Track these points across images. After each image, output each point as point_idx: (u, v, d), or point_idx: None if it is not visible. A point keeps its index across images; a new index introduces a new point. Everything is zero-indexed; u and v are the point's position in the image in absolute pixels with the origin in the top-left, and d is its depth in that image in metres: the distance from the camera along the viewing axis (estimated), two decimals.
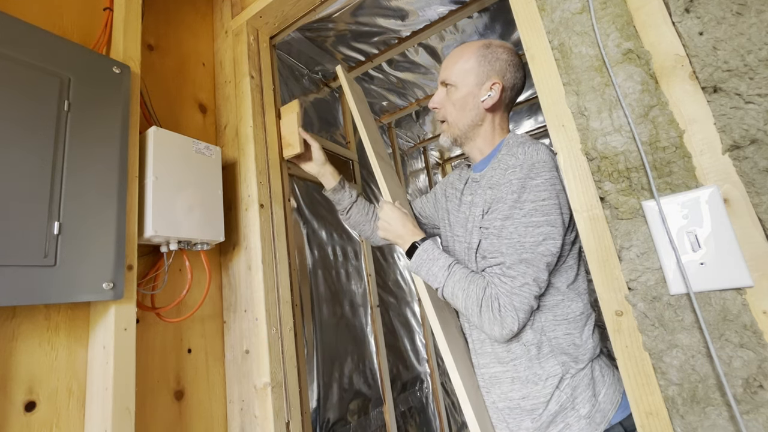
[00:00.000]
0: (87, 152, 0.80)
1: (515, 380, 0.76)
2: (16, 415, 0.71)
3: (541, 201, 0.72)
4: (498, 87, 0.84)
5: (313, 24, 1.54)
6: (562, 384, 0.72)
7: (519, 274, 0.70)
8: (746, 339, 0.51)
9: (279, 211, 1.19)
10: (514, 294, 0.70)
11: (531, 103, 2.38)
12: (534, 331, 0.74)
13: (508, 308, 0.70)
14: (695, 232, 0.55)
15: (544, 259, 0.71)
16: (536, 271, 0.70)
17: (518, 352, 0.76)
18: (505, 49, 0.87)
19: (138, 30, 0.99)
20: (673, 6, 0.60)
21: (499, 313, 0.71)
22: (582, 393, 0.71)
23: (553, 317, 0.75)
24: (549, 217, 0.71)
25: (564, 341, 0.74)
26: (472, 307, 0.74)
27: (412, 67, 1.92)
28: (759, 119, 0.53)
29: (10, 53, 0.73)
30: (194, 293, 1.07)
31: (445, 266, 0.80)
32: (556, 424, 0.72)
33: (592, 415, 0.70)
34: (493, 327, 0.72)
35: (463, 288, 0.76)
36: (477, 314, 0.74)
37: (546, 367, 0.73)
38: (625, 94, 0.62)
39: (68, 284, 0.72)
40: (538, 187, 0.72)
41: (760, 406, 0.49)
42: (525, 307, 0.70)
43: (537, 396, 0.73)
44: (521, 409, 0.75)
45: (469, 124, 0.87)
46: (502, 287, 0.71)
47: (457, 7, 1.52)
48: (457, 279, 0.77)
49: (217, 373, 1.08)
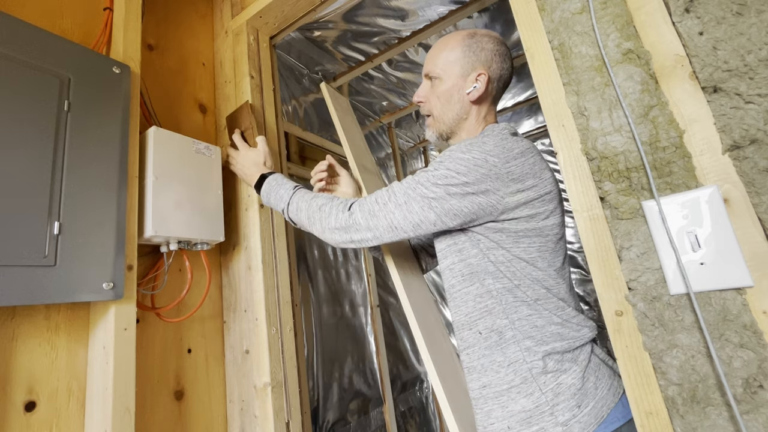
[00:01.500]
0: (87, 152, 0.80)
1: (471, 370, 0.73)
2: (16, 415, 0.71)
3: (448, 169, 0.70)
4: (484, 78, 0.80)
5: (313, 24, 1.54)
6: (540, 379, 0.67)
7: (385, 203, 0.73)
8: (746, 339, 0.51)
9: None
10: (372, 213, 0.74)
11: (531, 103, 2.38)
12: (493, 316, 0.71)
13: (358, 210, 0.75)
14: (695, 232, 0.55)
15: (415, 213, 0.71)
16: (402, 213, 0.71)
17: (471, 341, 0.73)
18: (490, 38, 0.83)
19: (138, 30, 0.99)
20: (673, 6, 0.60)
21: (346, 208, 0.76)
22: (565, 401, 0.66)
23: (513, 299, 0.71)
24: (447, 187, 0.69)
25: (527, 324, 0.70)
26: (314, 210, 0.79)
27: (412, 67, 1.92)
28: (759, 119, 0.53)
29: (10, 53, 0.73)
30: (194, 293, 1.07)
31: (290, 187, 0.87)
32: (530, 425, 0.66)
33: (570, 425, 0.64)
34: (337, 215, 0.76)
35: (307, 200, 0.82)
36: (317, 211, 0.78)
37: (507, 354, 0.69)
38: (625, 94, 0.62)
39: (68, 284, 0.72)
40: (459, 159, 0.70)
41: (760, 406, 0.49)
42: (379, 223, 0.73)
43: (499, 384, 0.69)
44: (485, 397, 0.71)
45: (455, 118, 0.84)
46: (361, 204, 0.76)
47: (457, 7, 1.52)
48: (302, 195, 0.84)
49: (217, 373, 1.08)
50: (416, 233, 0.73)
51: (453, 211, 0.70)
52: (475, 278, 0.73)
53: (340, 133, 1.08)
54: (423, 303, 0.93)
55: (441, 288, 2.55)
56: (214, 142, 1.26)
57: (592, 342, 0.73)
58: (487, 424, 0.70)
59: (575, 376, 0.67)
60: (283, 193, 0.88)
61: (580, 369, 0.68)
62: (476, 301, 0.73)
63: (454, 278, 0.76)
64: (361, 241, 0.76)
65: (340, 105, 1.18)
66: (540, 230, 0.72)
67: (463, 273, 0.75)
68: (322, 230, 0.79)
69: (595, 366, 0.70)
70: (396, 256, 0.95)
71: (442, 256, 0.79)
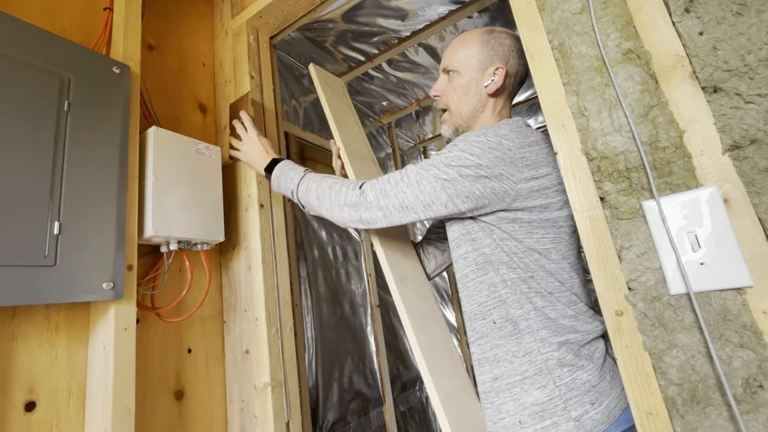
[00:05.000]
0: (87, 152, 0.80)
1: (482, 362, 0.72)
2: (16, 415, 0.71)
3: (462, 151, 0.70)
4: (502, 72, 0.82)
5: (313, 24, 1.54)
6: (555, 372, 0.66)
7: (397, 182, 0.74)
8: (746, 339, 0.51)
9: (279, 211, 1.19)
10: (384, 192, 0.74)
11: (531, 103, 2.38)
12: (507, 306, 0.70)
13: (369, 189, 0.76)
14: (695, 232, 0.55)
15: (427, 194, 0.71)
16: (414, 193, 0.72)
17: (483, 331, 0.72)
18: (508, 35, 0.85)
19: (138, 30, 0.98)
20: (673, 6, 0.60)
21: (357, 186, 0.77)
22: (578, 397, 0.65)
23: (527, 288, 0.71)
24: (460, 168, 0.69)
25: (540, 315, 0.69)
26: (324, 189, 0.80)
27: (412, 67, 1.92)
28: (759, 119, 0.53)
29: (10, 53, 0.73)
30: (194, 293, 1.07)
31: (302, 170, 0.89)
32: (543, 419, 0.65)
33: (583, 420, 0.64)
34: (348, 192, 0.78)
35: (317, 180, 0.83)
36: (328, 189, 0.80)
37: (522, 344, 0.68)
38: (625, 94, 0.62)
39: (68, 284, 0.72)
40: (473, 141, 0.70)
41: (760, 406, 0.49)
42: (390, 202, 0.73)
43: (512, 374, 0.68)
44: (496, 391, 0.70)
45: (472, 111, 0.85)
46: (373, 183, 0.77)
47: (457, 7, 1.52)
48: (312, 176, 0.86)
49: (217, 373, 1.08)
50: (426, 215, 0.73)
51: (465, 192, 0.69)
52: (489, 267, 0.72)
53: (328, 114, 1.06)
54: (419, 298, 0.92)
55: (442, 288, 2.55)
56: (214, 142, 1.26)
57: (604, 339, 0.73)
58: (497, 419, 0.69)
59: (592, 373, 0.67)
60: (294, 175, 0.89)
61: (596, 366, 0.68)
62: (490, 291, 0.72)
63: (468, 267, 0.76)
64: (370, 221, 0.76)
65: (330, 86, 1.15)
66: (554, 221, 0.71)
67: (477, 262, 0.74)
68: (331, 207, 0.79)
69: (610, 365, 0.70)
70: (390, 248, 0.93)
71: (455, 245, 0.79)
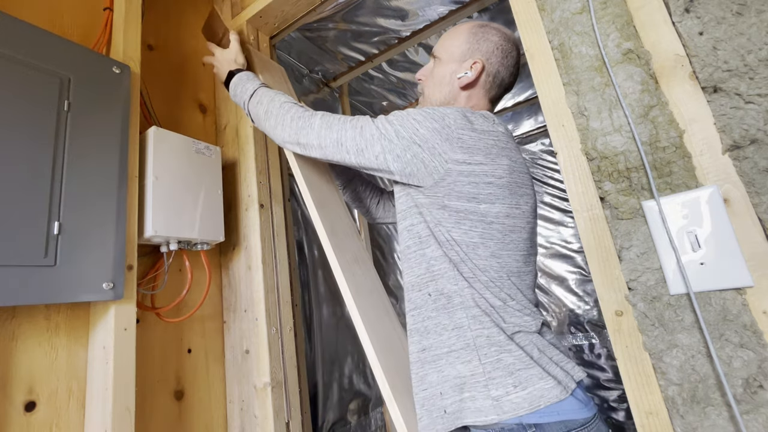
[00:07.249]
0: (87, 152, 0.80)
1: (413, 332, 0.72)
2: (16, 415, 0.71)
3: (407, 113, 0.72)
4: (478, 66, 0.79)
5: (313, 24, 1.54)
6: (482, 350, 0.65)
7: (344, 122, 0.77)
8: (746, 339, 0.51)
9: (279, 211, 1.19)
10: (330, 125, 0.77)
11: (531, 103, 2.38)
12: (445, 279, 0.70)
13: (319, 117, 0.78)
14: (695, 232, 0.55)
15: (365, 140, 0.74)
16: (353, 134, 0.74)
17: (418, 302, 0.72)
18: (498, 32, 0.82)
19: (138, 30, 0.99)
20: (673, 6, 0.60)
21: (307, 110, 0.80)
22: (501, 378, 0.62)
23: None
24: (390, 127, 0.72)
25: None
26: (276, 105, 0.82)
27: (412, 67, 1.92)
28: (759, 119, 0.53)
29: (10, 53, 0.73)
30: (194, 293, 1.07)
31: (258, 83, 0.90)
32: (462, 392, 0.64)
33: (502, 401, 0.61)
34: (297, 112, 0.80)
35: (270, 95, 0.85)
36: (279, 107, 0.82)
37: (454, 318, 0.67)
38: (625, 94, 0.62)
39: (68, 284, 0.72)
40: (420, 110, 0.71)
41: (760, 406, 0.49)
42: (330, 134, 0.76)
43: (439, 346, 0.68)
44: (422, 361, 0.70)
45: (441, 101, 0.83)
46: (324, 114, 0.79)
47: (457, 7, 1.52)
48: (267, 91, 0.88)
49: (217, 373, 1.08)
50: (358, 160, 0.75)
51: (396, 151, 0.71)
52: (431, 240, 0.72)
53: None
54: (350, 250, 0.89)
55: None
56: (214, 142, 1.26)
57: (542, 336, 0.70)
58: (419, 390, 0.68)
59: (520, 358, 0.64)
60: (249, 86, 0.91)
61: (526, 355, 0.65)
62: (430, 264, 0.72)
63: (411, 239, 0.75)
64: (306, 146, 0.79)
65: (261, 59, 1.13)
66: (482, 215, 0.69)
67: (421, 235, 0.73)
68: (275, 124, 0.82)
69: (546, 362, 0.66)
70: (319, 190, 0.91)
71: (402, 217, 0.78)
